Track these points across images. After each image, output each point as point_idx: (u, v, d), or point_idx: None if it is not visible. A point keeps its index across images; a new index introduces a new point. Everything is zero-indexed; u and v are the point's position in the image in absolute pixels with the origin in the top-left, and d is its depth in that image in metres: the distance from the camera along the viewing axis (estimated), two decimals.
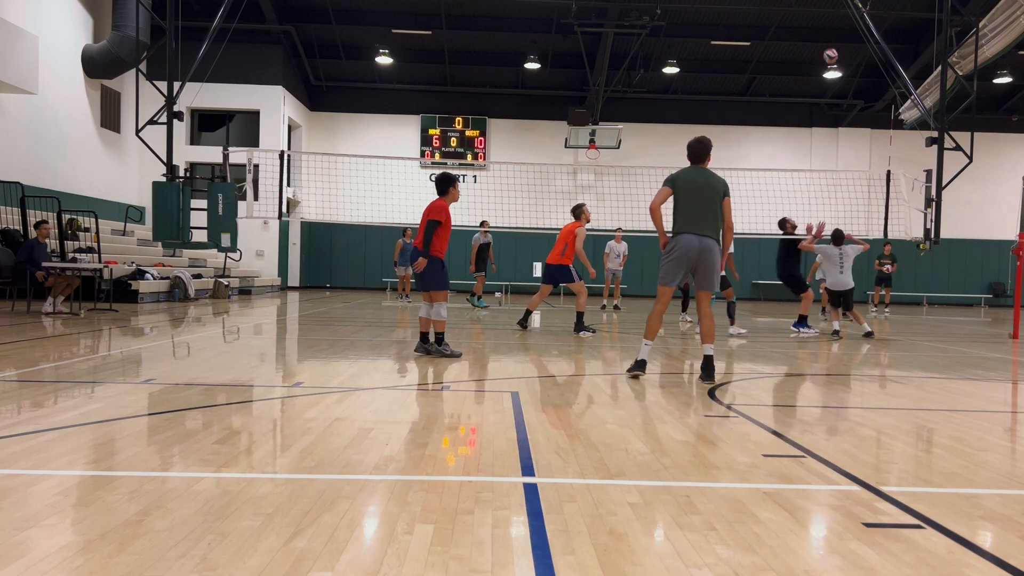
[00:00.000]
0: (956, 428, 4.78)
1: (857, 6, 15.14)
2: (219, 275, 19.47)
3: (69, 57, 18.48)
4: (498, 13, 23.40)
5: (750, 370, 7.60)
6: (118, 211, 19.93)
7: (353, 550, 2.48)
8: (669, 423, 4.70)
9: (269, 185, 15.96)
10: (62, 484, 3.11)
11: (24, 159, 16.62)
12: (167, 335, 9.77)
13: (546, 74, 25.50)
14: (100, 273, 13.45)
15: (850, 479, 3.49)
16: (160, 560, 2.34)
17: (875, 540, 2.69)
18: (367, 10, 23.32)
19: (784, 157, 26.46)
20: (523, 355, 8.15)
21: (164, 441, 3.90)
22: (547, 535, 2.65)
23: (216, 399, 5.15)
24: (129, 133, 20.32)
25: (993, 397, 6.28)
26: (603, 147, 24.78)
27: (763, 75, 25.47)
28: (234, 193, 13.96)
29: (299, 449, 3.78)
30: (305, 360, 7.67)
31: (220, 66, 17.05)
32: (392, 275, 26.43)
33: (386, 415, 4.69)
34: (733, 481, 3.40)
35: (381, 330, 10.77)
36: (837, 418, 5.08)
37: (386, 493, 3.10)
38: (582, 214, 11.32)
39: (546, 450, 3.88)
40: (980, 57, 16.07)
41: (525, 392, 5.73)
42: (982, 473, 3.68)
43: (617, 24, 21.31)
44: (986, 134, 23.99)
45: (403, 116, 26.33)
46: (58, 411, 4.61)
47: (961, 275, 26.90)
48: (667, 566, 2.41)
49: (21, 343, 8.03)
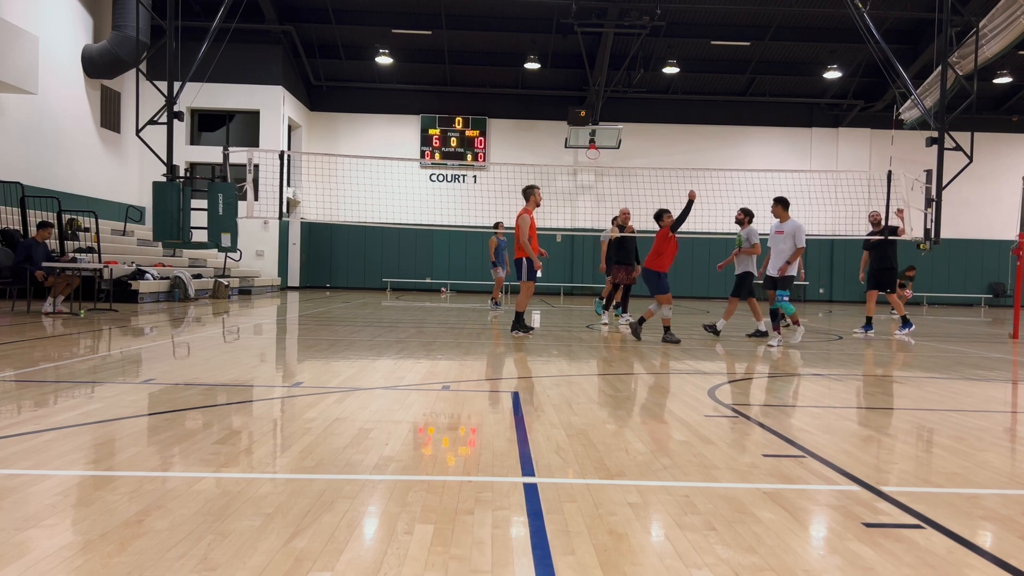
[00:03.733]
0: (956, 428, 4.78)
1: (857, 6, 15.13)
2: (219, 275, 19.47)
3: (69, 57, 18.48)
4: (498, 13, 23.40)
5: (750, 370, 7.60)
6: (118, 211, 19.93)
7: (353, 550, 2.48)
8: (669, 423, 4.70)
9: (269, 185, 15.95)
10: (62, 484, 3.11)
11: (24, 159, 16.61)
12: (167, 335, 9.77)
13: (546, 74, 25.50)
14: (100, 273, 13.45)
15: (850, 479, 3.49)
16: (160, 560, 2.34)
17: (875, 540, 2.69)
18: (367, 10, 23.31)
19: (784, 157, 26.45)
20: (522, 355, 8.15)
21: (164, 441, 3.90)
22: (547, 535, 2.65)
23: (216, 399, 5.15)
24: (129, 133, 20.33)
25: (993, 397, 6.28)
26: (603, 147, 24.77)
27: (763, 75, 25.46)
28: (234, 193, 13.95)
29: (299, 449, 3.78)
30: (305, 360, 7.67)
31: (220, 66, 17.04)
32: (400, 275, 26.56)
33: (386, 415, 4.69)
34: (733, 481, 3.40)
35: (381, 330, 10.77)
36: (837, 418, 5.08)
37: (386, 493, 3.10)
38: (531, 196, 10.25)
39: (546, 450, 3.88)
40: (980, 57, 16.06)
41: (525, 392, 5.73)
42: (982, 473, 3.68)
43: (617, 24, 21.31)
44: (986, 134, 23.99)
45: (403, 116, 26.33)
46: (58, 411, 4.61)
47: (961, 275, 26.89)
48: (667, 566, 2.41)
49: (21, 343, 8.03)
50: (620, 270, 12.23)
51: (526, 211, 10.27)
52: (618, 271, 12.25)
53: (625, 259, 12.23)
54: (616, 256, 12.30)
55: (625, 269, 12.24)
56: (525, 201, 10.35)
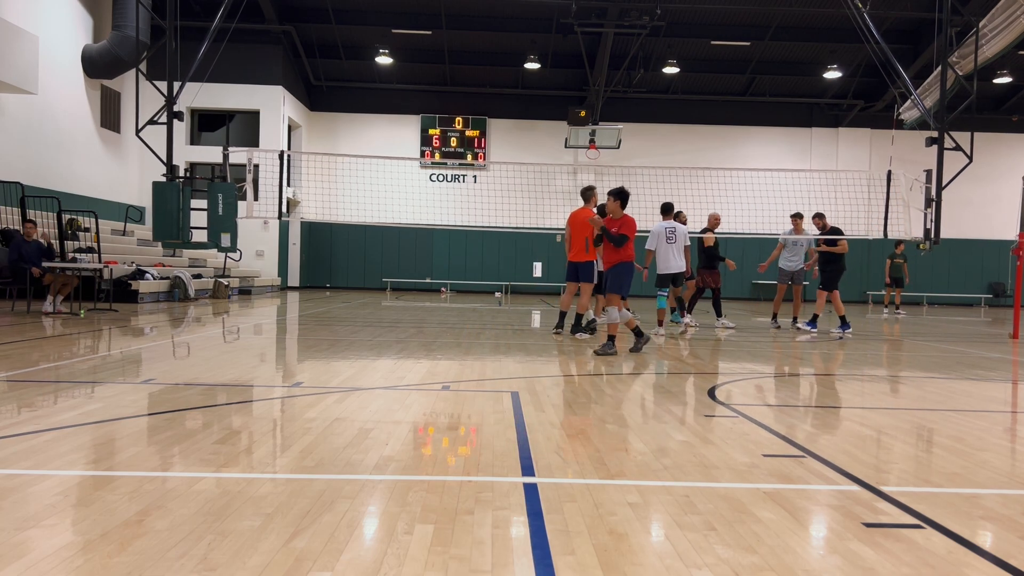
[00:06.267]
0: (956, 428, 4.78)
1: (857, 6, 15.12)
2: (219, 275, 19.47)
3: (69, 57, 18.47)
4: (498, 13, 23.39)
5: (750, 370, 7.60)
6: (118, 211, 19.92)
7: (353, 550, 2.48)
8: (669, 423, 4.70)
9: (269, 185, 15.95)
10: (62, 484, 3.11)
11: (24, 159, 16.61)
12: (167, 335, 9.77)
13: (546, 74, 25.50)
14: (100, 273, 13.45)
15: (850, 479, 3.49)
16: (160, 560, 2.34)
17: (875, 540, 2.69)
18: (367, 10, 23.31)
19: (784, 157, 26.45)
20: (523, 355, 8.15)
21: (164, 441, 3.90)
22: (547, 535, 2.65)
23: (216, 399, 5.15)
24: (129, 133, 20.31)
25: (993, 397, 6.28)
26: (603, 147, 24.77)
27: (763, 75, 25.46)
28: (234, 193, 13.95)
29: (299, 449, 3.78)
30: (305, 360, 7.67)
31: (220, 66, 17.03)
32: (400, 275, 26.55)
33: (386, 415, 4.69)
34: (733, 481, 3.40)
35: (381, 330, 10.77)
36: (837, 418, 5.08)
37: (386, 493, 3.10)
38: (591, 198, 10.10)
39: (546, 450, 3.88)
40: (980, 57, 16.06)
41: (525, 392, 5.73)
42: (982, 473, 3.68)
43: (617, 24, 21.30)
44: (986, 134, 23.96)
45: (403, 116, 26.32)
46: (58, 411, 4.61)
47: (961, 275, 26.89)
48: (667, 566, 2.41)
49: (21, 343, 8.03)
50: (709, 275, 12.60)
51: (588, 212, 9.87)
52: (707, 275, 12.61)
53: (711, 264, 12.61)
54: (706, 261, 12.65)
55: (713, 274, 12.61)
56: (585, 202, 10.18)
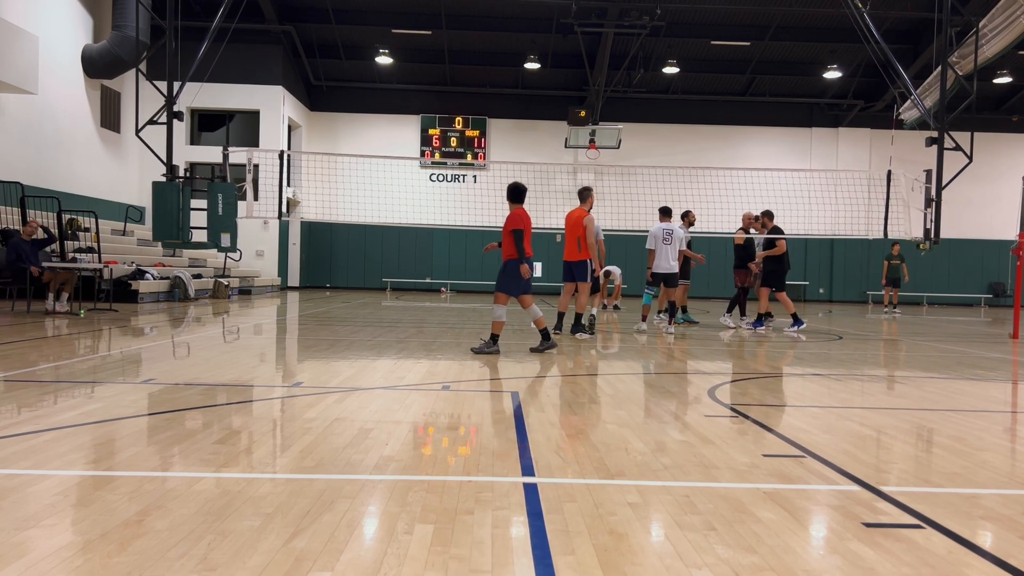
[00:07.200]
0: (956, 428, 4.78)
1: (857, 6, 15.12)
2: (219, 275, 19.47)
3: (69, 57, 18.47)
4: (498, 13, 23.39)
5: (750, 370, 7.60)
6: (118, 211, 19.92)
7: (353, 550, 2.48)
8: (669, 423, 4.70)
9: (269, 185, 15.95)
10: (62, 484, 3.11)
11: (24, 159, 16.60)
12: (167, 335, 9.77)
13: (546, 74, 25.49)
14: (100, 273, 13.45)
15: (850, 479, 3.49)
16: (160, 560, 2.34)
17: (875, 540, 2.69)
18: (367, 10, 23.31)
19: (784, 157, 26.44)
20: (523, 355, 8.15)
21: (164, 441, 3.90)
22: (547, 535, 2.65)
23: (216, 399, 5.15)
24: (129, 133, 20.30)
25: (993, 397, 6.28)
26: (603, 147, 24.77)
27: (763, 75, 25.45)
28: (234, 193, 13.96)
29: (299, 449, 3.78)
30: (305, 360, 7.67)
31: (220, 66, 17.03)
32: (400, 275, 26.57)
33: (386, 415, 4.69)
34: (733, 481, 3.40)
35: (381, 330, 10.77)
36: (837, 418, 5.08)
37: (386, 493, 3.10)
38: (588, 198, 10.05)
39: (546, 450, 3.88)
40: (980, 57, 16.06)
41: (525, 392, 5.73)
42: (982, 473, 3.68)
43: (617, 24, 21.30)
44: (986, 134, 23.95)
45: (403, 116, 26.32)
46: (58, 411, 4.61)
47: (961, 275, 26.88)
48: (667, 566, 2.41)
49: (21, 343, 8.03)
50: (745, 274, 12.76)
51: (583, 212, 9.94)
52: (745, 275, 12.77)
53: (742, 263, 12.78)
54: (737, 260, 12.84)
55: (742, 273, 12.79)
56: (581, 202, 10.12)
